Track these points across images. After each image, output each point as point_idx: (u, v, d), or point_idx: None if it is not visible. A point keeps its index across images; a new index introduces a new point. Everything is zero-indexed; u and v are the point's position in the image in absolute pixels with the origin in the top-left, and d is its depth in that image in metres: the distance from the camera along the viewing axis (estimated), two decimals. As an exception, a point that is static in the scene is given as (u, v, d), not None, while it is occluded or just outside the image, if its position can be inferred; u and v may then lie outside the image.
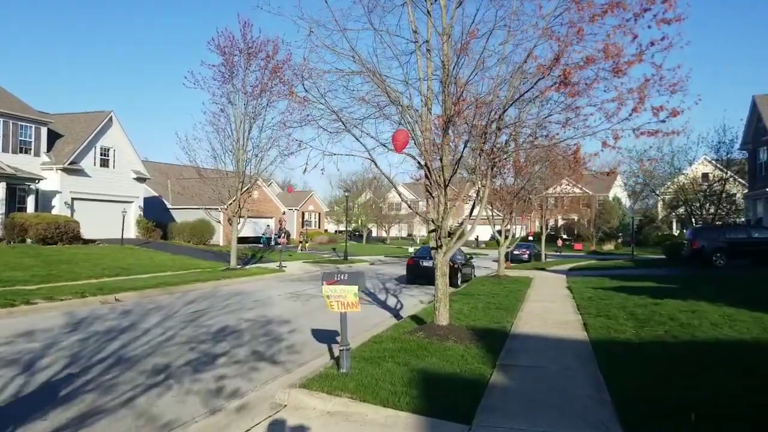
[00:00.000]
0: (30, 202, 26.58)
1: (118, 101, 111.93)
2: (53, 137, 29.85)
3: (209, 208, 26.27)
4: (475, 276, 23.32)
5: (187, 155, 23.68)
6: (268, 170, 25.48)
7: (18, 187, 26.43)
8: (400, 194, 9.74)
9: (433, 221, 9.07)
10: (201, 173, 24.11)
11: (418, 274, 20.60)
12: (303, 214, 56.38)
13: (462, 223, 9.78)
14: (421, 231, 71.17)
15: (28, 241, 23.77)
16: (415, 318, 11.31)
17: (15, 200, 26.69)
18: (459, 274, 20.52)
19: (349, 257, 35.02)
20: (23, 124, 27.45)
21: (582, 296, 15.19)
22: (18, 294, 13.61)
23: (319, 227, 60.09)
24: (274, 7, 8.05)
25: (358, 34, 7.98)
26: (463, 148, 8.40)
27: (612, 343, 8.52)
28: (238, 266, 25.15)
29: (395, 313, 13.40)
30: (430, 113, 9.26)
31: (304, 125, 9.34)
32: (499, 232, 23.74)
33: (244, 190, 24.67)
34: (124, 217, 28.77)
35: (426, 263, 20.17)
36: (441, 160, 8.54)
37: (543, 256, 39.53)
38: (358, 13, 8.72)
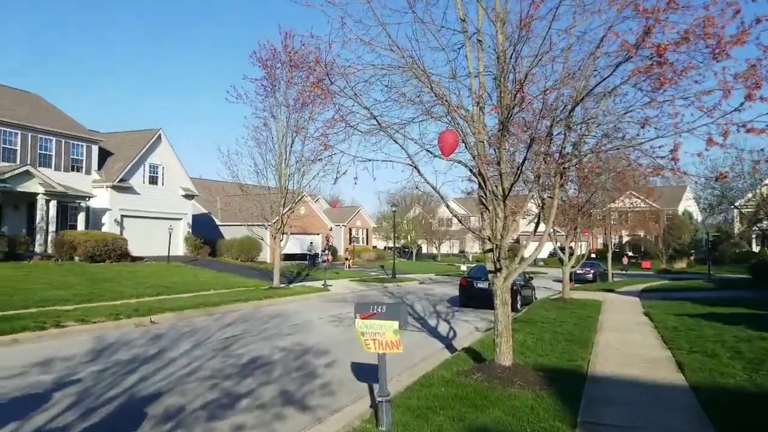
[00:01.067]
0: (81, 219, 26.87)
1: (168, 119, 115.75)
2: (104, 155, 30.31)
3: (254, 225, 25.72)
4: (536, 298, 21.61)
5: (229, 170, 23.24)
6: (311, 185, 24.70)
7: (69, 204, 26.81)
8: (448, 206, 8.51)
9: (489, 239, 7.75)
10: (243, 189, 23.60)
11: (472, 296, 19.13)
12: (350, 230, 55.69)
13: (518, 240, 8.39)
14: (473, 247, 69.12)
15: (76, 258, 23.86)
16: (470, 352, 9.94)
17: (67, 218, 27.09)
18: (519, 297, 18.94)
19: (397, 275, 33.82)
20: (75, 142, 27.94)
21: (665, 325, 13.36)
22: (53, 315, 13.13)
23: (367, 244, 59.22)
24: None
25: (399, 28, 6.68)
26: (527, 152, 7.05)
27: (721, 391, 6.90)
28: (282, 285, 24.44)
29: (447, 343, 12.06)
30: (483, 113, 8.00)
31: (344, 137, 8.26)
32: (562, 249, 21.95)
33: (289, 207, 24.01)
34: (170, 234, 28.71)
35: (481, 284, 18.73)
36: (499, 164, 7.24)
37: (609, 276, 37.02)
38: (397, 5, 7.62)
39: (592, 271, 35.97)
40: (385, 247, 66.94)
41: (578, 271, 32.55)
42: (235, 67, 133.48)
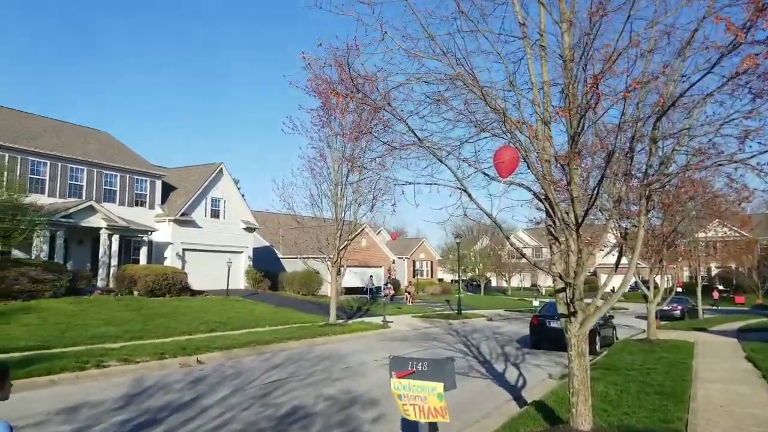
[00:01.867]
0: (143, 253, 27.38)
1: (229, 153, 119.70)
2: (167, 190, 31.06)
3: (311, 258, 25.25)
4: (617, 338, 19.63)
5: (284, 202, 22.94)
6: (368, 216, 23.97)
7: (132, 239, 27.42)
8: (507, 238, 7.35)
9: (560, 277, 6.55)
10: (299, 221, 23.22)
11: (545, 337, 17.51)
12: (413, 262, 54.51)
13: (594, 273, 7.08)
14: (546, 281, 66.04)
15: (136, 293, 24.12)
16: (542, 407, 8.60)
17: (130, 252, 27.71)
18: (598, 338, 17.17)
19: (463, 311, 32.24)
20: (139, 178, 28.78)
21: (777, 375, 11.39)
22: (97, 354, 12.85)
23: (431, 277, 57.75)
24: (336, 6, 6.30)
25: (448, 39, 5.77)
26: (604, 169, 5.87)
27: None
28: (340, 321, 23.69)
29: (515, 393, 10.70)
30: (549, 127, 6.90)
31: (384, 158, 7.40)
32: (645, 283, 19.92)
33: (350, 239, 23.41)
34: (229, 267, 28.73)
35: (554, 324, 17.13)
36: (569, 186, 6.09)
37: (700, 312, 33.80)
38: (446, 12, 6.71)
39: (679, 307, 32.93)
40: (452, 281, 65.12)
41: (664, 308, 29.82)
42: (294, 97, 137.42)
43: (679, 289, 39.60)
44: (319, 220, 23.29)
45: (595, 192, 5.92)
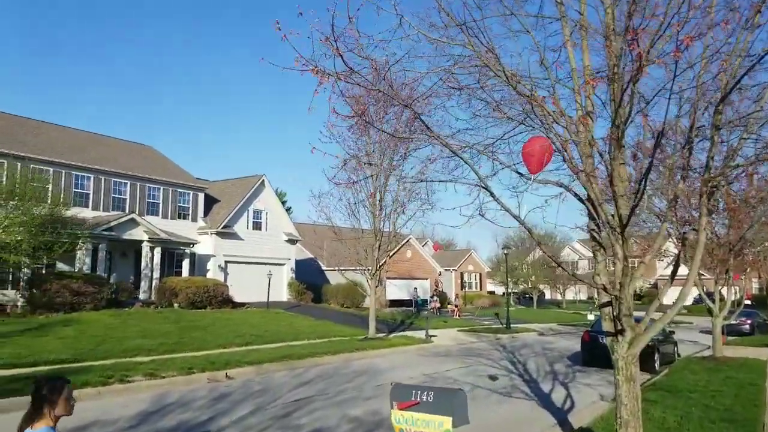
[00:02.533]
0: (185, 265, 27.59)
1: (278, 166, 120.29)
2: (210, 202, 31.34)
3: (350, 270, 24.76)
4: (678, 356, 18.14)
5: (320, 214, 22.54)
6: (408, 225, 23.26)
7: (175, 251, 27.70)
8: (539, 244, 6.50)
9: (605, 289, 5.68)
10: (335, 231, 22.77)
11: (597, 355, 16.28)
12: (461, 275, 53.25)
13: (655, 285, 6.13)
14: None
15: (175, 305, 24.21)
16: (588, 436, 7.65)
17: (173, 264, 27.99)
18: (656, 355, 15.88)
19: (512, 325, 30.95)
20: (182, 191, 29.13)
21: None
22: (125, 368, 12.64)
23: (480, 289, 56.27)
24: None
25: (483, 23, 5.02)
26: (651, 158, 5.00)
27: None
28: (382, 334, 23.07)
29: (561, 417, 9.73)
30: (592, 119, 6.06)
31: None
32: (710, 296, 18.35)
33: (390, 250, 22.79)
34: (269, 279, 28.59)
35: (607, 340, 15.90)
36: (611, 181, 5.25)
37: (772, 327, 31.28)
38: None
39: (748, 322, 30.52)
40: (503, 293, 63.30)
41: (731, 322, 27.66)
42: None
43: (748, 302, 36.91)
44: (357, 231, 22.80)
45: (642, 186, 5.05)
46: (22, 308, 20.27)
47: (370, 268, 22.16)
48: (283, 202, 64.73)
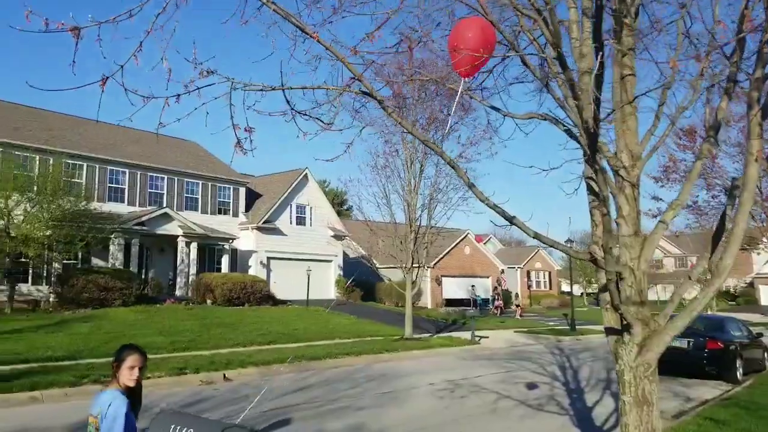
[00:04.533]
0: (225, 261, 27.05)
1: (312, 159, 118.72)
2: (252, 197, 30.77)
3: (381, 268, 23.19)
4: (768, 364, 15.26)
5: (349, 205, 21.16)
6: (446, 217, 21.36)
7: (215, 247, 27.22)
8: (471, 186, 4.62)
9: (594, 260, 3.80)
10: (368, 224, 21.32)
11: (661, 358, 13.76)
12: (527, 273, 50.27)
13: (752, 284, 4.18)
14: (691, 293, 58.05)
15: (208, 301, 23.60)
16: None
17: (213, 260, 27.52)
18: (739, 362, 13.31)
19: (579, 326, 28.25)
20: (221, 185, 28.67)
21: None
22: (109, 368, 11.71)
23: (550, 288, 52.97)
24: None
25: None
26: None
27: None
28: (426, 335, 21.55)
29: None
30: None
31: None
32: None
33: (450, 247, 21.07)
34: (308, 276, 27.51)
35: (675, 343, 13.44)
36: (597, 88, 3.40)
37: None
38: None
39: None
40: (581, 293, 59.36)
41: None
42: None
43: None
44: (392, 225, 21.27)
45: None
46: (53, 304, 20.22)
47: (406, 264, 20.48)
48: (342, 202, 64.16)
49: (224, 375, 12.29)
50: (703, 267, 3.90)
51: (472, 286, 39.30)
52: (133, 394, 3.24)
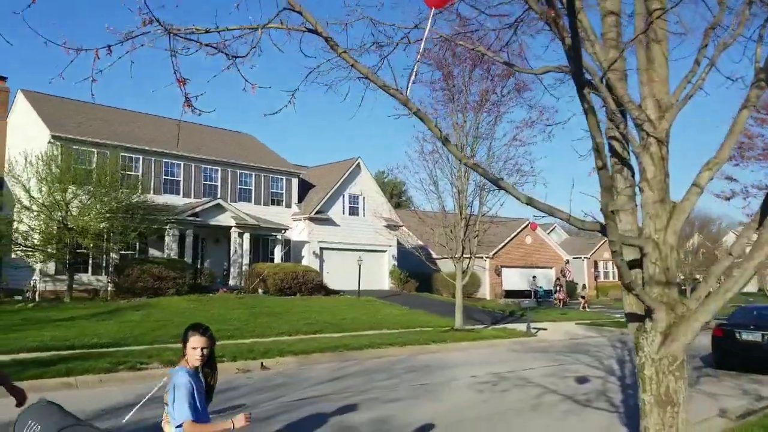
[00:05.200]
0: (278, 252, 27.27)
1: (364, 149, 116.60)
2: (305, 188, 30.86)
3: (439, 258, 22.57)
4: None
5: (408, 194, 20.70)
6: (501, 202, 20.39)
7: (269, 237, 27.51)
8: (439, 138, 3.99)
9: (601, 230, 3.18)
10: (418, 213, 20.81)
11: (733, 354, 12.62)
12: (595, 263, 48.13)
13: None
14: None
15: (260, 291, 23.83)
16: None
17: (266, 250, 27.83)
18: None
19: (645, 318, 26.62)
20: (274, 176, 28.89)
21: None
22: (155, 353, 11.87)
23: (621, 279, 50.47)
24: None
25: None
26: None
27: None
28: (479, 326, 20.93)
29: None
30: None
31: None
32: None
33: (511, 236, 20.32)
34: (359, 266, 27.29)
35: (747, 336, 12.32)
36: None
37: None
38: None
39: None
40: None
41: None
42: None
43: None
44: (441, 214, 20.66)
45: None
46: (111, 293, 20.95)
47: (456, 254, 19.81)
48: (400, 193, 63.65)
49: (262, 363, 12.18)
50: (748, 240, 3.18)
51: (534, 276, 37.95)
52: (205, 375, 3.41)
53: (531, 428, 7.79)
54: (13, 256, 20.31)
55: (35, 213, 18.93)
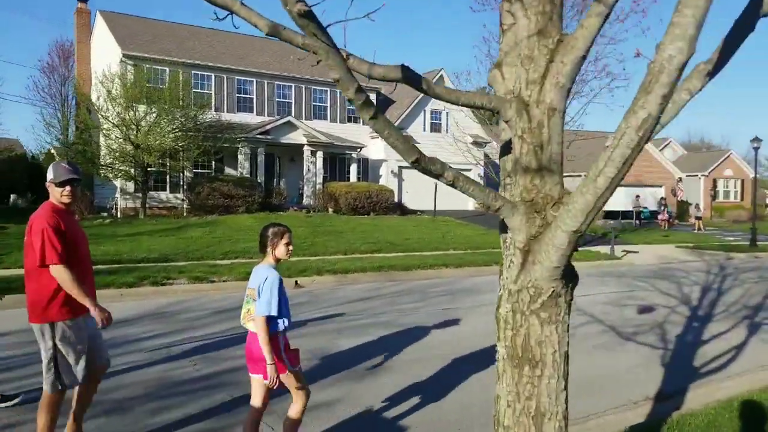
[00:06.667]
0: (353, 171, 26.80)
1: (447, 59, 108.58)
2: (385, 104, 29.68)
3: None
4: None
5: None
6: (585, 110, 18.01)
7: (344, 156, 27.02)
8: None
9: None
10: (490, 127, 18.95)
11: None
12: (713, 181, 43.04)
13: None
14: None
15: (330, 210, 23.62)
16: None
17: (342, 169, 27.44)
18: None
19: (762, 242, 23.47)
20: (351, 91, 27.90)
21: None
22: (194, 269, 11.95)
23: (741, 199, 44.94)
24: None
25: None
26: None
27: None
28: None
29: (675, 387, 5.67)
30: None
31: None
32: None
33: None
34: (435, 185, 26.13)
35: None
36: None
37: None
38: None
39: None
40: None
41: None
42: None
43: None
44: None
45: None
46: (186, 210, 21.70)
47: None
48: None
49: (296, 282, 11.84)
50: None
51: (637, 196, 34.64)
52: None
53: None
54: (99, 174, 21.49)
55: (109, 131, 19.63)
